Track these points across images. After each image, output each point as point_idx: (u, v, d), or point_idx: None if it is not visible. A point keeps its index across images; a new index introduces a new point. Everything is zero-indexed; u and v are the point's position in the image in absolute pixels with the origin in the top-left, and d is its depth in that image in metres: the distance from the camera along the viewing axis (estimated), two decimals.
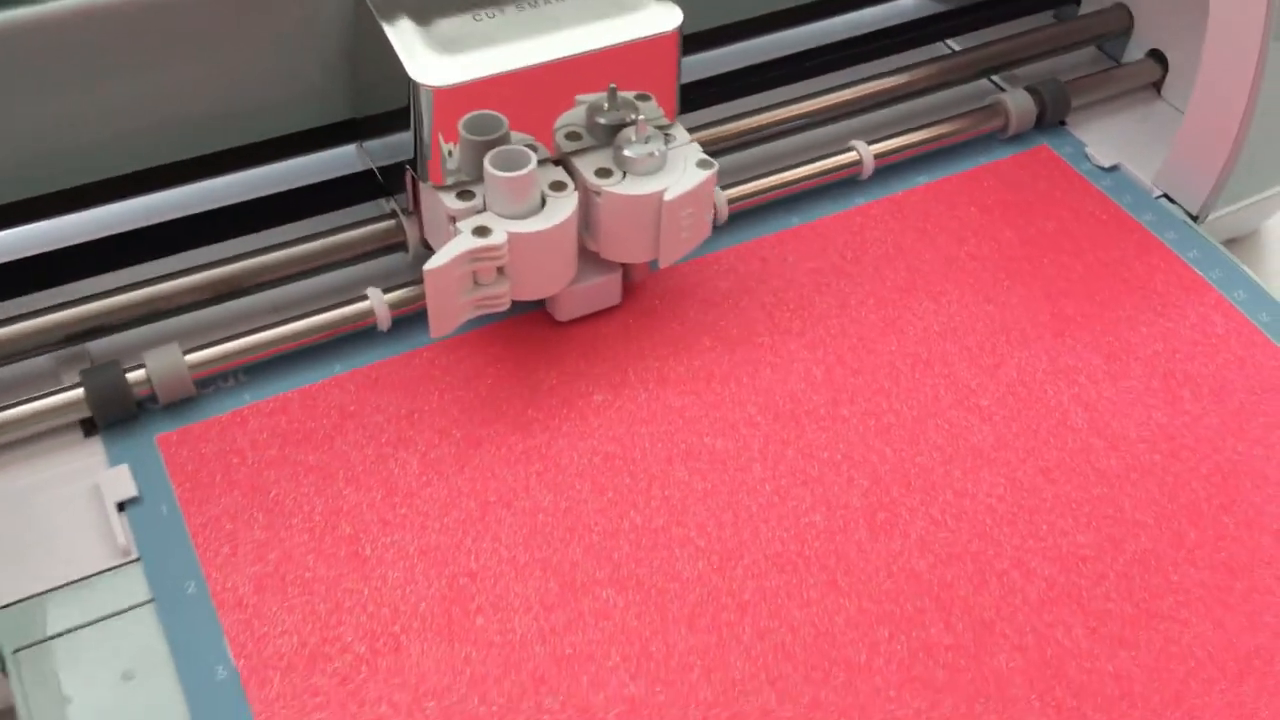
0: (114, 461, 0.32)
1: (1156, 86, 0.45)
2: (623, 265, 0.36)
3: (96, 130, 0.34)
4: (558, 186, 0.33)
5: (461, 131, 0.32)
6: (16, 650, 0.28)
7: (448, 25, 0.32)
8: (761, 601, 0.30)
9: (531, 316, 0.36)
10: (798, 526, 0.31)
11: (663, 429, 0.33)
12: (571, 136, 0.33)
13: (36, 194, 0.34)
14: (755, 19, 0.43)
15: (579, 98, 0.33)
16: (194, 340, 0.33)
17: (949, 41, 0.46)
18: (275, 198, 0.37)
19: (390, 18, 0.32)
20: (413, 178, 0.35)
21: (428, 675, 0.28)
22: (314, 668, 0.28)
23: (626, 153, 0.33)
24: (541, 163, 0.33)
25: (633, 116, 0.33)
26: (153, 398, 0.33)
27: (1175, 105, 0.45)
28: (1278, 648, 0.30)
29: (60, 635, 0.29)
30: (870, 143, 0.41)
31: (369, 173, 0.37)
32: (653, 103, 0.34)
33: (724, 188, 0.38)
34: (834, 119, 0.42)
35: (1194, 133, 0.40)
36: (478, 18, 0.33)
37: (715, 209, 0.38)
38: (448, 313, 0.32)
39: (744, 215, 0.39)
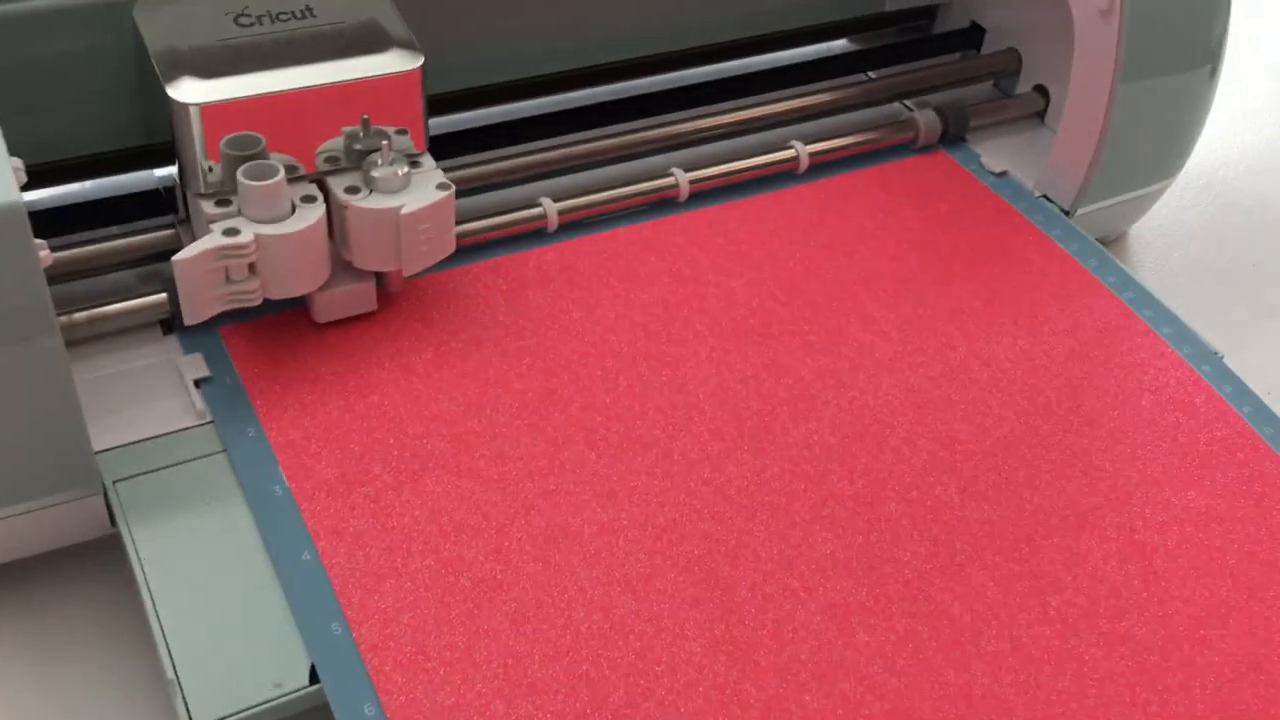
0: (188, 351, 0.39)
1: (1040, 115, 0.55)
2: (376, 274, 0.40)
3: None
4: (308, 199, 0.38)
5: (222, 148, 0.37)
6: (116, 481, 0.36)
7: (212, 50, 0.38)
8: (705, 460, 0.38)
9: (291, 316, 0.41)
10: (735, 409, 0.40)
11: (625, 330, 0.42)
12: (330, 160, 0.39)
13: None
14: (709, 47, 0.52)
15: (344, 129, 0.38)
16: None
17: (869, 73, 0.56)
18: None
19: (156, 44, 0.37)
20: (183, 190, 0.39)
21: (439, 499, 0.36)
22: (350, 491, 0.36)
23: (373, 173, 0.38)
24: (297, 179, 0.38)
25: (384, 143, 0.38)
26: None
27: (1054, 130, 0.55)
28: (1109, 508, 0.38)
29: (152, 471, 0.36)
30: (805, 144, 0.50)
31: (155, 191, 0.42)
32: (406, 135, 0.39)
33: (686, 170, 0.48)
34: (776, 125, 0.51)
35: (1065, 146, 0.50)
36: (238, 44, 0.38)
37: (679, 187, 0.47)
38: (200, 302, 0.37)
39: (703, 195, 0.48)
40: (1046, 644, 0.35)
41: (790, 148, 0.50)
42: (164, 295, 0.40)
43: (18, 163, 0.31)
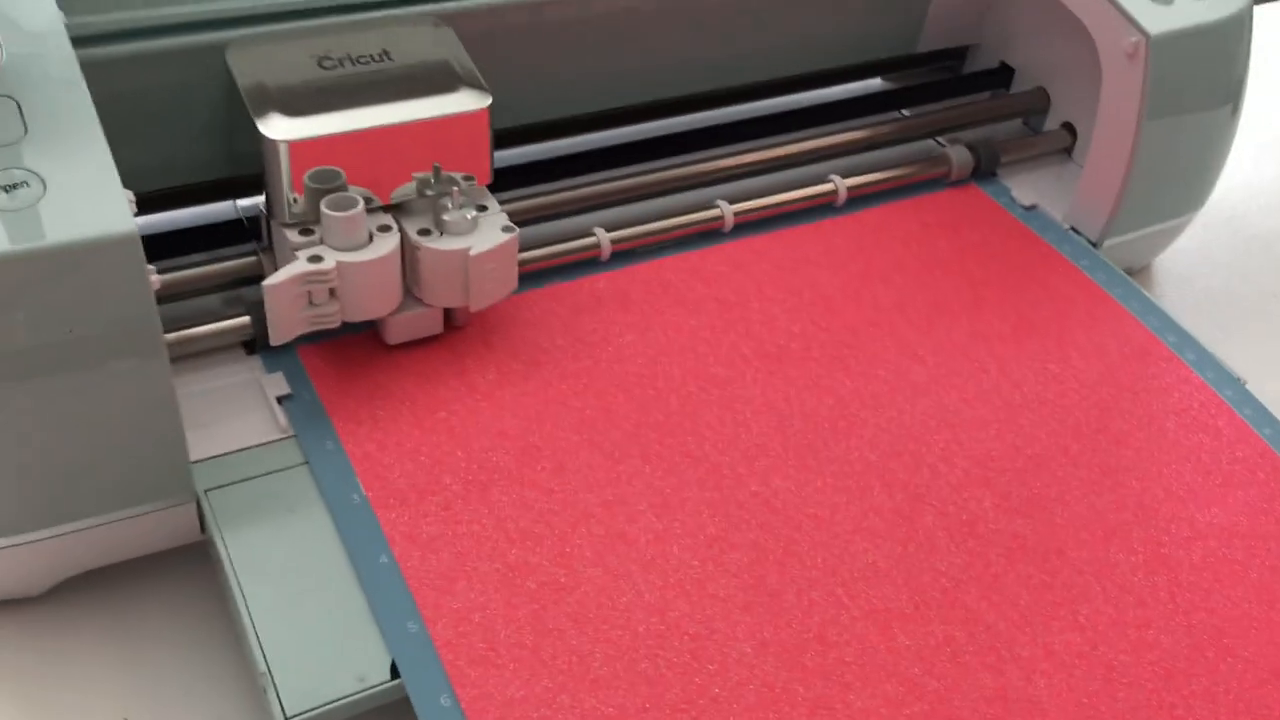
0: (270, 370, 0.42)
1: (1068, 151, 0.57)
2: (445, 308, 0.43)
3: None
4: (384, 229, 0.40)
5: (306, 181, 0.39)
6: (208, 490, 0.39)
7: (298, 90, 0.40)
8: (752, 474, 0.40)
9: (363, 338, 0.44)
10: (780, 426, 0.42)
11: (673, 356, 0.44)
12: (404, 205, 0.42)
13: None
14: (752, 86, 0.55)
15: (415, 175, 0.41)
16: None
17: (903, 111, 0.59)
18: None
19: (247, 83, 0.40)
20: (268, 220, 0.42)
21: (505, 508, 0.39)
22: (422, 499, 0.38)
23: (444, 216, 0.41)
24: (373, 210, 0.41)
25: (454, 189, 0.41)
26: None
27: (1082, 165, 0.57)
28: (1136, 524, 0.41)
29: (241, 481, 0.39)
30: (844, 178, 0.53)
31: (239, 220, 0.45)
32: (473, 181, 0.42)
33: (731, 202, 0.50)
34: (816, 160, 0.54)
35: (1092, 181, 0.52)
36: (321, 84, 0.41)
37: (724, 219, 0.50)
38: (286, 324, 0.40)
39: (747, 225, 0.51)
40: (1077, 649, 0.37)
41: (829, 181, 0.52)
42: (247, 318, 0.42)
43: (130, 194, 0.34)
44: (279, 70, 0.41)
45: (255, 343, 0.43)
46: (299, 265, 0.39)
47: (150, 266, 0.34)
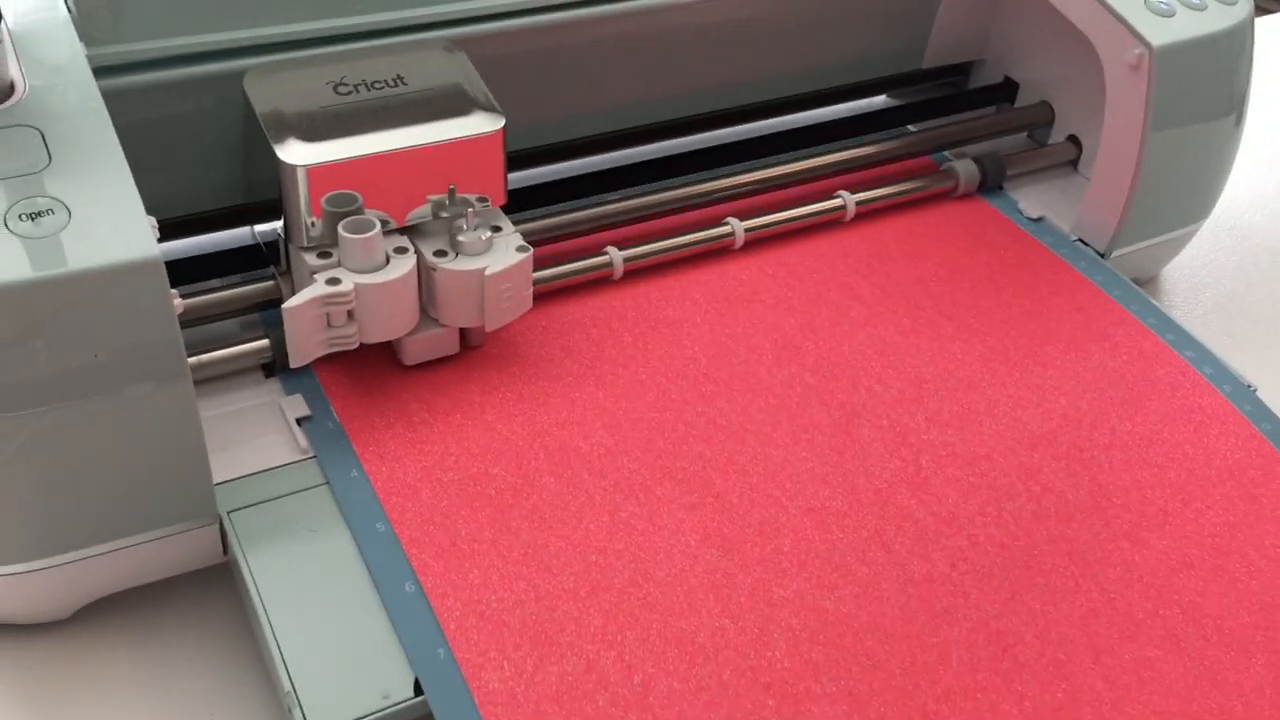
0: (289, 392, 0.43)
1: (1074, 163, 0.58)
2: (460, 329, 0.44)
3: None
4: (401, 250, 0.41)
5: (323, 205, 0.40)
6: (231, 511, 0.39)
7: (314, 116, 0.41)
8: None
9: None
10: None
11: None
12: (419, 226, 0.42)
13: None
14: (760, 104, 0.56)
15: (429, 197, 0.42)
16: None
17: (910, 126, 0.59)
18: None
19: (264, 110, 0.41)
20: (285, 244, 0.43)
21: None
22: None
23: (459, 237, 0.41)
24: (390, 233, 0.41)
25: (469, 210, 0.42)
26: None
27: (1087, 177, 0.57)
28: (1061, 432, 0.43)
29: (263, 502, 0.39)
30: (852, 193, 0.53)
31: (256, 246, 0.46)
32: (488, 203, 0.43)
33: (741, 219, 0.51)
34: (823, 177, 0.54)
35: (1098, 193, 0.52)
36: (337, 110, 0.41)
37: (734, 236, 0.50)
38: (305, 347, 0.40)
39: (757, 242, 0.51)
40: (999, 541, 0.40)
41: (838, 198, 0.53)
42: (266, 341, 0.43)
43: (152, 220, 0.35)
44: (296, 97, 0.42)
45: (274, 365, 0.43)
46: (318, 288, 0.40)
47: (174, 291, 0.35)
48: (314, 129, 0.41)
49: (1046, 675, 0.36)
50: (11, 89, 0.37)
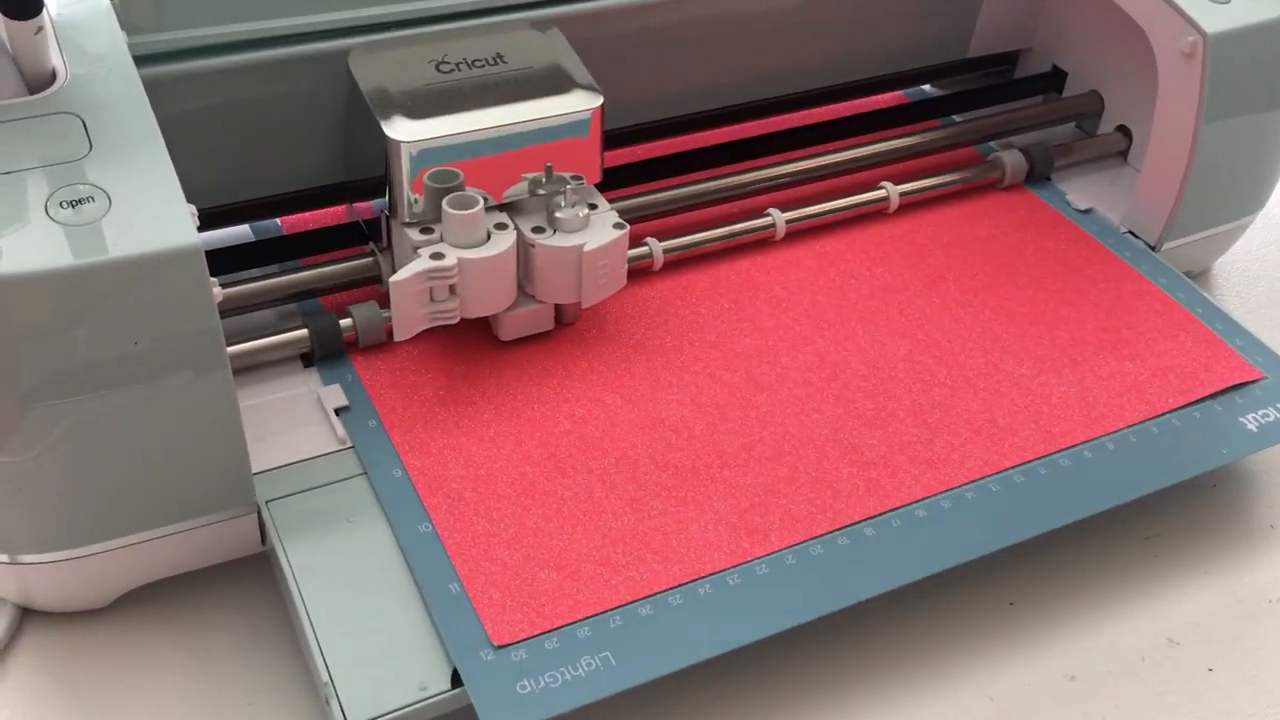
0: (327, 382, 0.42)
1: (1123, 154, 0.57)
2: (556, 305, 0.44)
3: None
4: (501, 226, 0.41)
5: (427, 181, 0.40)
6: (269, 501, 0.39)
7: (418, 94, 0.41)
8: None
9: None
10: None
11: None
12: (516, 204, 0.43)
13: None
14: (812, 91, 0.55)
15: (526, 175, 0.42)
16: None
17: (955, 116, 0.58)
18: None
19: (369, 87, 0.41)
20: (388, 220, 0.43)
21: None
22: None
23: (557, 214, 0.42)
24: (489, 209, 0.41)
25: (566, 187, 0.42)
26: (354, 342, 0.44)
27: (1137, 168, 0.56)
28: None
29: (301, 492, 0.39)
30: (896, 184, 0.52)
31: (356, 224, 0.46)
32: (582, 180, 0.43)
33: (783, 210, 0.50)
34: (867, 167, 0.53)
35: (1149, 184, 0.51)
36: (440, 88, 0.42)
37: (775, 228, 0.50)
38: (409, 320, 0.40)
39: (799, 233, 0.51)
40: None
41: (881, 189, 0.52)
42: (304, 331, 0.43)
43: (192, 209, 0.35)
44: (400, 75, 0.42)
45: (312, 355, 0.43)
46: (423, 262, 0.40)
47: (213, 279, 0.34)
48: (419, 106, 0.41)
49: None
50: (53, 77, 0.37)
